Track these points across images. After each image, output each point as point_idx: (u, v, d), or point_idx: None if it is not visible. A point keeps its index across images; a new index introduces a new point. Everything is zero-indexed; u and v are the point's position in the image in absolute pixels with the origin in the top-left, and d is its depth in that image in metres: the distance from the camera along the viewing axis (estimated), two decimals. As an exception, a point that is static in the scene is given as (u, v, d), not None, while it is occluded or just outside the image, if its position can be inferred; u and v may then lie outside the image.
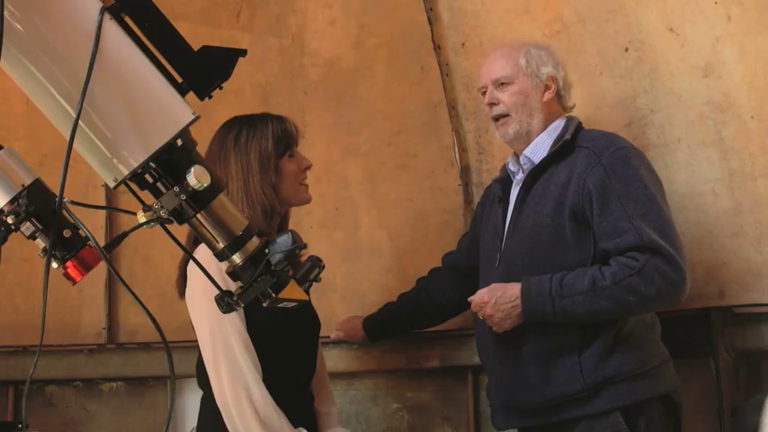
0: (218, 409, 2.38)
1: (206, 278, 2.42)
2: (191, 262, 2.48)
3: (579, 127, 2.79)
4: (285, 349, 2.53)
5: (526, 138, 2.79)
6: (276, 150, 2.55)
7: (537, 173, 2.74)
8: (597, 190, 2.58)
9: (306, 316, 2.58)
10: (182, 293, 2.54)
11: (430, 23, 3.51)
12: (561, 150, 2.71)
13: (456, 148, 3.54)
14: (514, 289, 2.59)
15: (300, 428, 2.41)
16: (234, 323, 2.38)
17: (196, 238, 1.60)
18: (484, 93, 2.87)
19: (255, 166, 2.51)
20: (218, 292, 2.38)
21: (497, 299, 2.61)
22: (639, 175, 2.61)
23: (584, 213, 2.59)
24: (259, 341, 2.44)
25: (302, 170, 2.62)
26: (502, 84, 2.81)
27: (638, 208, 2.54)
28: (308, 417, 2.62)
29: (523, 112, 2.78)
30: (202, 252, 1.80)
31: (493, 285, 2.66)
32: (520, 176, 2.82)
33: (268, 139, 2.54)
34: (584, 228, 2.60)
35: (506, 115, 2.80)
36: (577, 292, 2.51)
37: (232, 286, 1.64)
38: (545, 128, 2.79)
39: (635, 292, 2.47)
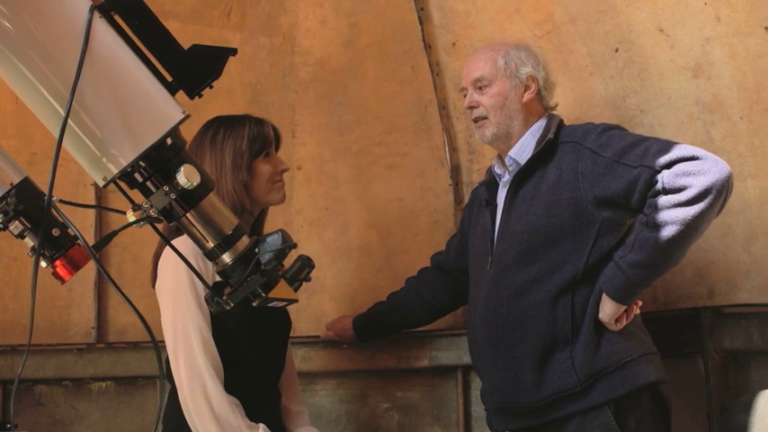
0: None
1: (175, 274, 2.46)
2: (162, 256, 2.52)
3: (561, 125, 2.80)
4: (252, 348, 2.58)
5: (506, 139, 2.80)
6: (250, 150, 2.60)
7: (524, 174, 2.74)
8: (596, 168, 2.59)
9: (275, 316, 2.60)
10: (154, 285, 2.59)
11: (421, 23, 3.52)
12: (545, 150, 2.72)
13: (446, 148, 3.54)
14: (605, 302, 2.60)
15: (260, 424, 2.44)
16: (195, 320, 2.44)
17: (178, 229, 1.60)
18: (465, 95, 2.88)
19: (228, 163, 2.57)
20: (187, 287, 2.43)
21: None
22: (621, 133, 2.66)
23: (592, 199, 2.59)
24: (226, 339, 2.48)
25: (278, 172, 2.67)
26: (481, 86, 2.82)
27: (634, 153, 2.55)
28: (273, 415, 2.65)
29: (502, 114, 2.79)
30: (182, 244, 1.81)
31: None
32: (506, 178, 2.82)
33: (243, 139, 2.60)
34: (586, 223, 2.61)
35: (485, 117, 2.80)
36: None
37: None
38: (526, 128, 2.80)
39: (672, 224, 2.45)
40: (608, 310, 2.57)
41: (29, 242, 1.55)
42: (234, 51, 1.60)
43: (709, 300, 3.00)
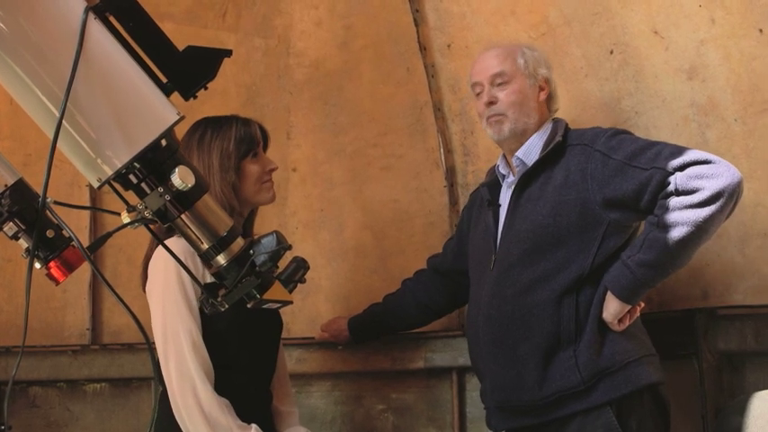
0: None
1: (164, 276, 2.45)
2: (151, 258, 2.52)
3: (567, 128, 2.81)
4: (243, 350, 2.58)
5: (521, 137, 2.79)
6: (237, 151, 2.59)
7: (530, 175, 2.74)
8: (606, 170, 2.60)
9: (266, 318, 2.60)
10: (144, 288, 2.59)
11: (416, 25, 3.52)
12: (553, 152, 2.72)
13: (441, 150, 3.54)
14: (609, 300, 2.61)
15: (252, 424, 2.44)
16: (185, 322, 2.43)
17: (169, 230, 1.60)
18: (478, 91, 2.86)
19: (216, 165, 2.56)
20: (176, 289, 2.42)
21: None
22: (631, 137, 2.68)
23: (600, 200, 2.60)
24: (217, 341, 2.48)
25: (266, 172, 2.66)
26: (500, 82, 2.80)
27: (646, 156, 2.56)
28: (264, 417, 2.65)
29: (521, 112, 2.78)
30: (173, 245, 1.81)
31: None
32: (511, 179, 2.82)
33: (230, 140, 2.59)
34: (592, 224, 2.62)
35: (502, 114, 2.79)
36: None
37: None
38: (538, 129, 2.81)
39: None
40: (612, 309, 2.58)
41: (23, 243, 1.55)
42: (229, 53, 1.60)
43: (704, 301, 3.01)
